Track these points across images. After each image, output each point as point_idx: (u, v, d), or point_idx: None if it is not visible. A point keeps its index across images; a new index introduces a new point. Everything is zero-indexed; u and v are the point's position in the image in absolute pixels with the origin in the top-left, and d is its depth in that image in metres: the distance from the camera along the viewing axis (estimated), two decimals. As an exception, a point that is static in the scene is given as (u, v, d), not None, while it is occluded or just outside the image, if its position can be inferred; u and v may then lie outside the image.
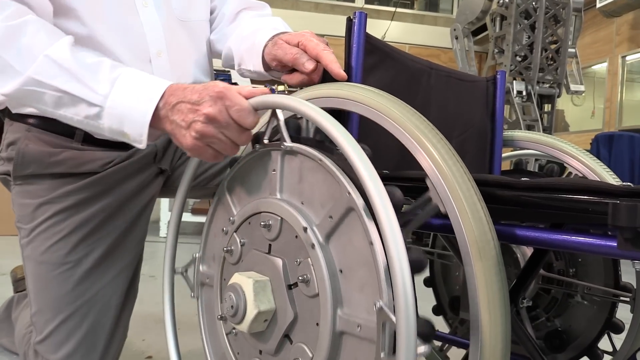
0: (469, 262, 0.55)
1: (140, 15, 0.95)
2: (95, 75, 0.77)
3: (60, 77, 0.76)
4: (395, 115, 0.63)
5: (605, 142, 3.75)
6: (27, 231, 0.95)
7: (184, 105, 0.72)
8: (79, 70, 0.76)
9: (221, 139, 0.71)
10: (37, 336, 0.95)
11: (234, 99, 0.70)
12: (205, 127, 0.70)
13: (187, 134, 0.72)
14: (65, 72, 0.76)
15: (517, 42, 3.63)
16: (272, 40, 0.91)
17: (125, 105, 0.76)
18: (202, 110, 0.70)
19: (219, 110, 0.70)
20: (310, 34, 0.85)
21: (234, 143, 0.73)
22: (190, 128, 0.71)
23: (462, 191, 0.55)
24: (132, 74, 0.78)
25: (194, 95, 0.72)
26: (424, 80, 0.96)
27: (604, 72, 7.08)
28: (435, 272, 1.28)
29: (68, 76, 0.76)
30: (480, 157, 1.09)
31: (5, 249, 2.51)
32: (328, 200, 0.61)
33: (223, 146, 0.72)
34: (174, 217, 0.91)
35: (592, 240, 0.52)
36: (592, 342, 0.99)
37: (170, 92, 0.75)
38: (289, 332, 0.64)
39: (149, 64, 0.96)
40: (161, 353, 1.34)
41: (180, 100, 0.73)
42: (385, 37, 7.22)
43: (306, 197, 0.65)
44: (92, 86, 0.76)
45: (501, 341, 0.54)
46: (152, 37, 0.96)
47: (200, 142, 0.72)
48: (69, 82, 0.76)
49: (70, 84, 0.76)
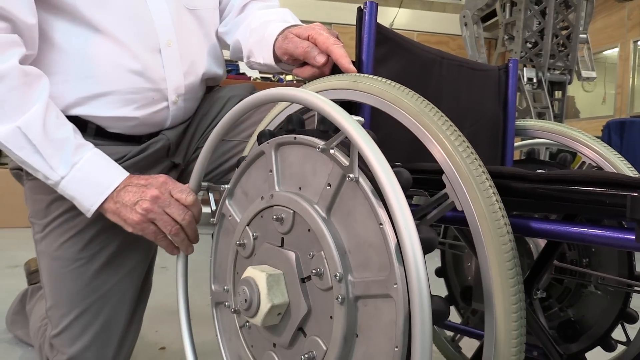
0: (484, 256, 0.54)
1: (149, 4, 0.94)
2: (58, 153, 0.84)
3: (26, 149, 0.83)
4: (408, 107, 0.63)
5: (617, 128, 3.71)
6: (41, 226, 0.96)
7: (131, 188, 0.85)
8: (45, 147, 0.83)
9: (163, 218, 0.83)
10: (52, 330, 0.96)
11: (175, 184, 0.85)
12: (150, 205, 0.82)
13: (132, 212, 0.83)
14: (31, 147, 0.83)
15: (528, 29, 3.59)
16: (283, 34, 0.91)
17: (78, 190, 0.85)
18: (148, 192, 0.83)
19: (162, 192, 0.83)
20: (320, 27, 0.85)
21: (175, 221, 0.83)
22: (137, 206, 0.83)
23: (477, 185, 0.55)
24: (91, 163, 0.86)
25: (141, 181, 0.85)
26: (435, 70, 0.95)
27: (615, 58, 6.99)
28: (446, 262, 1.27)
29: (33, 150, 0.83)
30: (493, 147, 1.08)
31: (19, 241, 2.54)
32: (324, 176, 0.61)
33: (164, 224, 0.83)
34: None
35: (609, 233, 0.52)
36: (606, 332, 0.99)
37: (116, 199, 0.85)
38: (303, 325, 0.64)
39: (159, 55, 0.96)
40: (175, 344, 1.35)
41: (127, 184, 0.85)
42: (393, 24, 7.17)
43: (304, 182, 0.65)
44: (53, 165, 0.84)
45: (516, 335, 0.54)
46: (161, 26, 0.96)
47: (144, 218, 0.82)
48: (32, 156, 0.83)
49: (34, 157, 0.83)
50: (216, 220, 0.81)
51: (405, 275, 0.50)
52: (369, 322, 0.55)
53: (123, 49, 0.92)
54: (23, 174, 0.99)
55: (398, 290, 0.51)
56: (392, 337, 0.52)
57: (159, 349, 1.32)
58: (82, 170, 0.85)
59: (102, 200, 0.85)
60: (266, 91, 0.70)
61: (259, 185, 0.73)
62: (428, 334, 0.48)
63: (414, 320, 0.49)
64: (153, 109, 0.98)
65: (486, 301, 0.55)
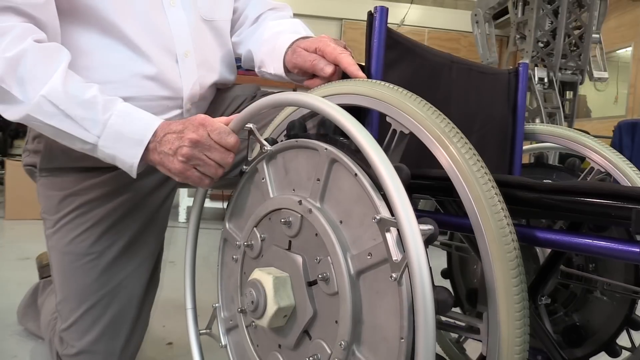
0: (489, 263, 0.55)
1: (168, 15, 0.96)
2: (88, 113, 0.81)
3: (57, 117, 0.81)
4: (413, 112, 0.63)
5: (629, 129, 3.67)
6: (52, 222, 0.97)
7: (170, 136, 0.80)
8: (73, 110, 0.81)
9: (205, 161, 0.78)
10: (62, 324, 0.98)
11: (213, 124, 0.78)
12: (191, 150, 0.77)
13: (174, 160, 0.79)
14: (60, 112, 0.81)
15: (540, 28, 3.56)
16: (292, 48, 0.93)
17: (116, 147, 0.82)
18: (186, 136, 0.77)
19: (201, 135, 0.77)
20: (328, 38, 0.88)
21: (218, 164, 0.79)
22: (177, 154, 0.78)
23: (482, 193, 0.55)
24: (122, 116, 0.83)
25: (179, 126, 0.80)
26: (445, 74, 0.95)
27: (629, 57, 6.92)
28: (453, 264, 1.28)
29: (63, 116, 0.81)
30: (501, 151, 1.08)
31: (31, 234, 2.57)
32: (313, 171, 0.66)
33: (208, 168, 0.79)
34: (196, 207, 0.93)
35: (614, 245, 0.52)
36: (611, 337, 0.99)
37: (157, 142, 0.81)
38: (308, 328, 0.64)
39: (177, 65, 0.98)
40: (182, 339, 1.36)
41: (167, 132, 0.80)
42: (405, 21, 7.14)
43: (296, 183, 0.69)
44: (86, 126, 0.81)
45: (520, 343, 0.54)
46: (179, 37, 0.98)
47: (187, 165, 0.78)
48: (64, 122, 0.81)
49: (66, 123, 0.81)
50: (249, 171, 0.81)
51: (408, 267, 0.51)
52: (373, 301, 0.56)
53: (142, 58, 0.94)
54: (36, 170, 1.00)
55: (402, 347, 0.52)
56: (396, 326, 0.53)
57: (166, 344, 1.34)
58: (115, 125, 0.82)
59: (140, 152, 0.82)
60: (272, 96, 0.72)
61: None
62: (431, 323, 0.50)
63: (417, 310, 0.50)
64: (167, 115, 1.00)
65: (490, 309, 0.55)
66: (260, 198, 0.76)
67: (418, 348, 0.50)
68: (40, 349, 1.24)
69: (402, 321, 0.52)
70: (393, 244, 0.54)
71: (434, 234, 0.53)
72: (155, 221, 1.05)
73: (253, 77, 1.79)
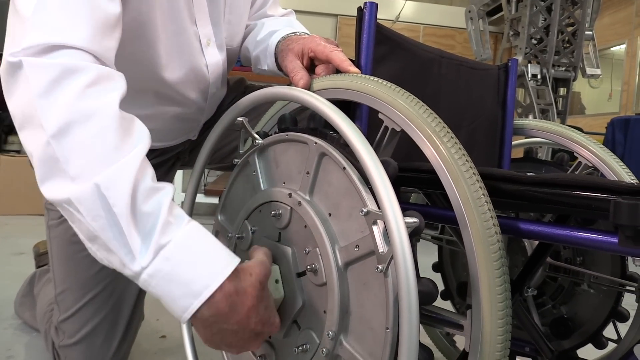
0: (472, 254, 0.56)
1: (206, 57, 0.98)
2: (142, 233, 0.57)
3: (102, 220, 0.57)
4: (401, 107, 0.64)
5: (622, 126, 3.69)
6: (58, 213, 0.98)
7: (224, 329, 0.59)
8: (127, 220, 0.57)
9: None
10: (61, 314, 0.99)
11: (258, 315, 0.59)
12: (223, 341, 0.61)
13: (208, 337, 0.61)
14: (110, 216, 0.57)
15: (533, 25, 3.57)
16: (283, 52, 0.94)
17: (163, 289, 0.58)
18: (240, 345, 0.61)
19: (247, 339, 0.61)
20: (319, 38, 0.88)
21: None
22: (213, 338, 0.61)
23: (467, 186, 0.56)
24: (183, 245, 0.59)
25: (233, 338, 0.60)
26: (434, 69, 0.96)
27: (623, 54, 6.95)
28: (443, 258, 1.29)
29: (111, 222, 0.57)
30: (491, 146, 1.09)
31: (24, 228, 2.57)
32: (302, 164, 0.67)
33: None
34: (188, 198, 0.94)
35: (594, 236, 0.53)
36: (597, 329, 1.01)
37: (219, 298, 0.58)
38: (297, 318, 0.66)
39: (205, 102, 1.05)
40: (175, 333, 1.38)
41: (221, 324, 0.59)
42: (400, 18, 7.14)
43: (286, 176, 0.71)
44: (133, 247, 0.57)
45: (502, 332, 0.56)
46: (216, 79, 1.02)
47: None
48: (108, 231, 0.57)
49: (110, 233, 0.57)
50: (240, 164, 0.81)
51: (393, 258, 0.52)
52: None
53: (175, 105, 1.00)
54: None
55: (387, 337, 0.54)
56: (382, 316, 0.55)
57: (159, 337, 1.35)
58: (170, 260, 0.57)
59: (197, 305, 0.57)
60: (263, 90, 0.73)
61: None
62: (415, 313, 0.51)
63: (401, 300, 0.51)
64: (179, 140, 1.10)
65: (473, 297, 0.57)
66: (251, 191, 0.77)
67: (402, 338, 0.51)
68: (36, 342, 1.24)
69: (388, 311, 0.54)
70: (379, 236, 0.55)
71: (420, 227, 0.54)
72: None
73: (244, 71, 1.80)
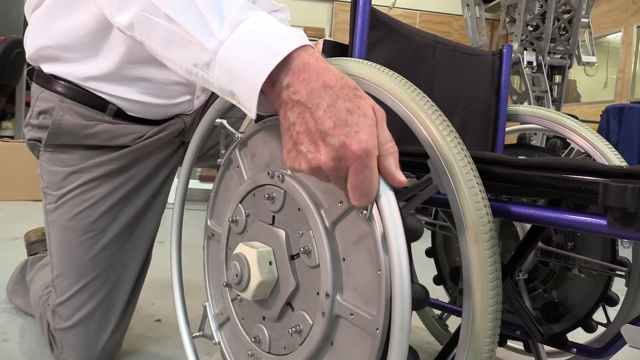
0: (464, 237, 0.57)
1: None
2: (219, 10, 0.58)
3: (179, 5, 0.59)
4: (395, 91, 0.64)
5: (616, 114, 3.71)
6: (55, 197, 0.98)
7: (308, 118, 0.52)
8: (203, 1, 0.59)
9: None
10: (57, 298, 0.99)
11: (369, 170, 0.51)
12: (309, 168, 0.53)
13: (291, 151, 0.54)
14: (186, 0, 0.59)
15: (529, 11, 3.57)
16: None
17: (240, 57, 0.56)
18: (318, 155, 0.51)
19: (334, 169, 0.51)
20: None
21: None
22: (294, 152, 0.54)
23: (459, 168, 0.57)
24: (261, 20, 0.58)
25: (328, 121, 0.50)
26: (428, 54, 0.97)
27: (619, 42, 6.95)
28: (437, 243, 1.30)
29: (188, 5, 0.59)
30: (484, 132, 1.09)
31: (18, 214, 2.57)
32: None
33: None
34: (181, 184, 0.94)
35: (583, 218, 0.54)
36: (587, 313, 1.02)
37: (301, 64, 0.54)
38: (291, 300, 0.66)
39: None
40: (169, 317, 1.38)
41: (308, 107, 0.52)
42: (396, 4, 7.09)
43: (270, 162, 0.71)
44: (212, 25, 0.58)
45: (492, 311, 0.56)
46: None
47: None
48: (186, 14, 0.59)
49: (187, 15, 0.59)
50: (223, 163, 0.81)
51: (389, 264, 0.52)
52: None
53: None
54: (40, 145, 1.00)
55: (381, 278, 0.54)
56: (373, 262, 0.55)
57: (154, 321, 1.36)
58: (248, 30, 0.57)
59: (269, 69, 0.54)
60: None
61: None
62: (407, 320, 0.51)
63: (394, 304, 0.52)
64: (177, 100, 1.03)
65: (465, 280, 0.57)
66: (237, 187, 0.77)
67: (394, 277, 0.52)
68: (30, 325, 1.25)
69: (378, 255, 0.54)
70: None
71: (418, 234, 0.55)
72: (155, 201, 1.07)
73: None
